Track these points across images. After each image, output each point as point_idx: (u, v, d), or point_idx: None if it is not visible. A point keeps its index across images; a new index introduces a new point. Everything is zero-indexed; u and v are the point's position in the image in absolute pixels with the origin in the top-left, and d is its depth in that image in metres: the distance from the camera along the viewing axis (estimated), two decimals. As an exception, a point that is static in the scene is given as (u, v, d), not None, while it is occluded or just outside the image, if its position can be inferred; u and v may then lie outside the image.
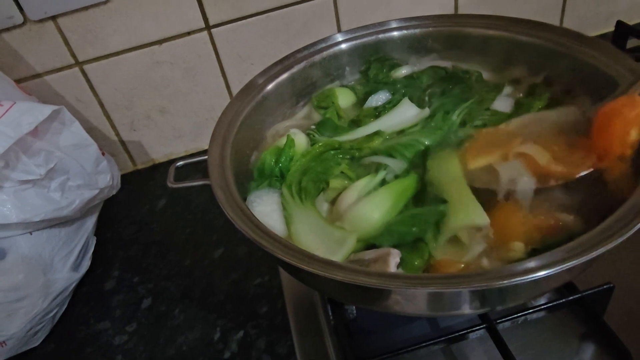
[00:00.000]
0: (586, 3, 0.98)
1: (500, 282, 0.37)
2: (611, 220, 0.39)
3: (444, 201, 0.48)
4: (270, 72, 0.65)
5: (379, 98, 0.67)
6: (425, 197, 0.51)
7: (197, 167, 0.61)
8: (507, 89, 0.63)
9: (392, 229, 0.48)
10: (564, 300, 0.52)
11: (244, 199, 0.54)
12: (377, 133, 0.60)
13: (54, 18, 0.77)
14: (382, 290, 0.42)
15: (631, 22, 0.93)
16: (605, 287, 0.51)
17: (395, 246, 0.46)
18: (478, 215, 0.45)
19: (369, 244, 0.49)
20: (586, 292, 0.52)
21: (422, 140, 0.56)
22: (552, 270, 0.36)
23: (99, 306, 0.71)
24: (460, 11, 0.94)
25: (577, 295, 0.52)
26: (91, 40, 0.81)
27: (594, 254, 0.37)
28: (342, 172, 0.56)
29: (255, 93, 0.62)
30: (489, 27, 0.64)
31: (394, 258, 0.44)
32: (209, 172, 0.51)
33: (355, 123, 0.63)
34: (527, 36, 0.62)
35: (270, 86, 0.63)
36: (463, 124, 0.58)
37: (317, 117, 0.66)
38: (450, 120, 0.57)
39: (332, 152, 0.57)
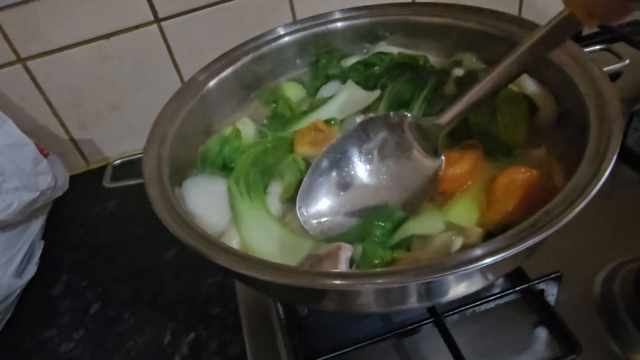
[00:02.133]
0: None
1: (432, 276, 0.35)
2: (551, 205, 0.38)
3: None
4: (213, 68, 0.62)
5: (330, 88, 0.65)
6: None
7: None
8: (456, 71, 0.62)
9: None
10: (512, 290, 0.52)
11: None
12: (330, 121, 0.58)
13: (-9, 12, 0.73)
14: (321, 291, 0.41)
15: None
16: (553, 275, 0.51)
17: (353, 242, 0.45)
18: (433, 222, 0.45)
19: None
20: (535, 281, 0.51)
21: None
22: (475, 265, 0.35)
23: (45, 313, 0.68)
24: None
25: (525, 285, 0.52)
26: (33, 35, 0.77)
27: (522, 245, 0.36)
28: (294, 161, 0.54)
29: (197, 89, 0.60)
30: (435, 15, 0.63)
31: (345, 252, 0.42)
32: (142, 171, 0.49)
33: (305, 114, 0.62)
34: (471, 22, 0.61)
35: (212, 82, 0.61)
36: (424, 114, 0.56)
37: (266, 112, 0.64)
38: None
39: (283, 145, 0.56)
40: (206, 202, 0.51)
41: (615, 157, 0.40)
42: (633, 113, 0.66)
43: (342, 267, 0.44)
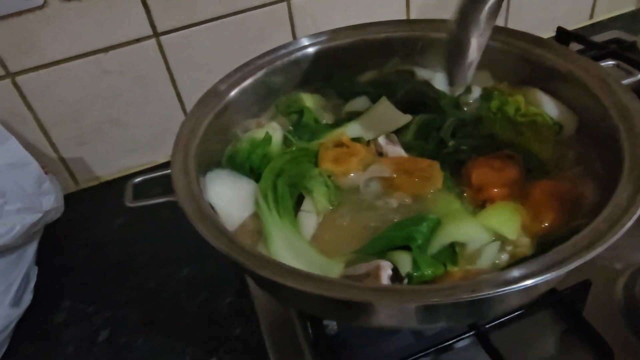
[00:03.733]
0: (528, 8, 1.03)
1: (483, 294, 0.35)
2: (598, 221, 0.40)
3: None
4: (232, 79, 0.61)
5: (358, 103, 0.64)
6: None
7: (157, 182, 0.56)
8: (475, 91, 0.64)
9: (380, 236, 0.46)
10: (543, 302, 0.53)
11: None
12: (358, 140, 0.58)
13: (-21, 25, 0.69)
14: (371, 305, 0.40)
15: (570, 28, 0.98)
16: (582, 283, 0.52)
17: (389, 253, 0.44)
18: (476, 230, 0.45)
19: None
20: (564, 290, 0.52)
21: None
22: (536, 279, 0.36)
23: (46, 343, 0.63)
24: (412, 17, 0.95)
25: (556, 296, 0.52)
26: (26, 49, 0.73)
27: (581, 260, 0.37)
28: (320, 174, 0.53)
29: (217, 100, 0.58)
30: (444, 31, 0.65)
31: (385, 271, 0.42)
32: (174, 188, 0.47)
33: (333, 126, 0.61)
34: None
35: (233, 92, 0.60)
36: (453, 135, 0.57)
37: (286, 122, 0.63)
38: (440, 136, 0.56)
39: (308, 157, 0.55)
40: (228, 194, 0.51)
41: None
42: None
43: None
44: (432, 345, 0.50)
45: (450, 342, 0.50)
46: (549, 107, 0.56)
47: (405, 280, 0.42)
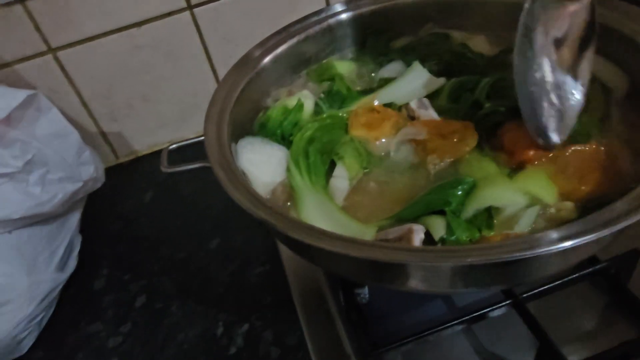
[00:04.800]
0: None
1: (519, 254, 0.34)
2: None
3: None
4: (267, 45, 0.61)
5: (392, 68, 0.62)
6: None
7: (188, 152, 0.57)
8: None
9: (418, 201, 0.44)
10: (583, 272, 0.50)
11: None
12: (390, 105, 0.57)
13: (22, 1, 0.71)
14: (406, 266, 0.39)
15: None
16: (629, 253, 0.49)
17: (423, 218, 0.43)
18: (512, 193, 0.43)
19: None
20: (608, 261, 0.50)
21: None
22: (577, 241, 0.34)
23: (88, 308, 0.66)
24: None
25: (598, 266, 0.50)
26: (64, 24, 0.75)
27: (625, 223, 0.35)
28: (351, 140, 0.52)
29: (251, 67, 0.58)
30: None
31: (418, 234, 0.41)
32: (207, 152, 0.47)
33: (365, 93, 0.60)
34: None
35: (267, 59, 0.60)
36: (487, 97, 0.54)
37: (318, 89, 0.62)
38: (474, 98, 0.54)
39: (339, 124, 0.54)
40: (259, 160, 0.51)
41: None
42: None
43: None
44: (465, 314, 0.49)
45: (484, 310, 0.48)
46: (596, 66, 0.52)
47: (439, 245, 0.41)
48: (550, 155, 0.44)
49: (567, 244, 0.34)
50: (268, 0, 0.82)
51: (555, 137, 0.44)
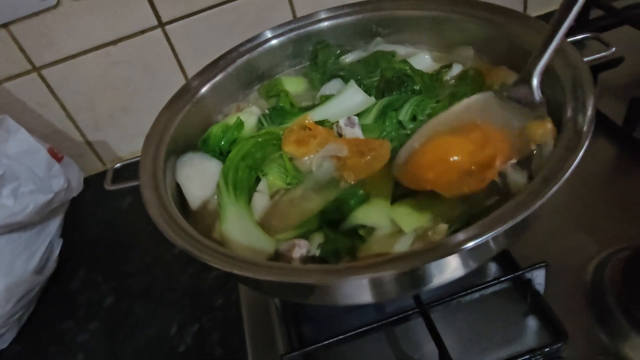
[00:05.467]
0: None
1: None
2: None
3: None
4: (205, 73, 0.65)
5: (333, 86, 0.65)
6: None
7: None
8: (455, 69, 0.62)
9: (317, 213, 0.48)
10: (498, 280, 0.52)
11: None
12: (323, 122, 0.60)
13: (5, 26, 0.78)
14: (304, 285, 0.43)
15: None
16: (538, 265, 0.51)
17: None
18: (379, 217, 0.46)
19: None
20: (522, 271, 0.52)
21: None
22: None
23: (64, 306, 0.73)
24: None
25: (511, 275, 0.52)
26: (46, 44, 0.81)
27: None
28: (280, 157, 0.56)
29: (190, 96, 0.63)
30: (422, 9, 0.64)
31: (300, 249, 0.44)
32: (139, 173, 0.52)
33: (306, 110, 0.63)
34: (459, 14, 0.61)
35: (205, 88, 0.64)
36: (413, 118, 0.57)
37: (267, 105, 0.66)
38: (398, 119, 0.57)
39: (274, 140, 0.58)
40: (195, 175, 0.56)
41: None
42: (633, 99, 0.65)
43: (296, 263, 0.45)
44: (383, 319, 0.52)
45: (398, 316, 0.51)
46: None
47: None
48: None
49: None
50: (237, 14, 0.86)
51: None
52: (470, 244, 0.37)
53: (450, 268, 0.41)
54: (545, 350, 0.48)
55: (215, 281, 0.69)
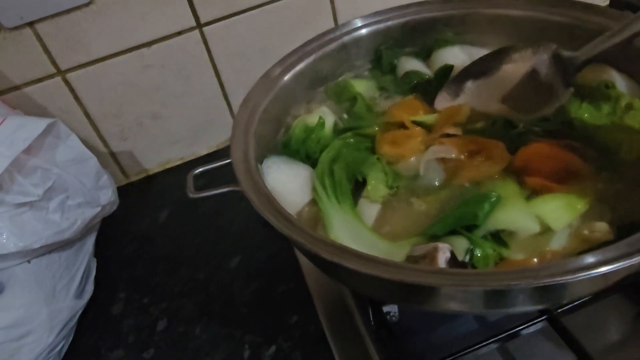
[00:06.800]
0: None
1: (556, 279, 0.34)
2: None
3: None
4: (287, 62, 0.61)
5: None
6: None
7: (212, 174, 0.56)
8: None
9: (446, 216, 0.44)
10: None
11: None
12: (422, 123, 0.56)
13: (31, 24, 0.70)
14: (436, 289, 0.39)
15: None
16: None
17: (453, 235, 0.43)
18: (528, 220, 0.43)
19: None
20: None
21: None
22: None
23: (108, 334, 0.65)
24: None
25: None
26: (73, 46, 0.74)
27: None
28: (377, 160, 0.52)
29: (271, 85, 0.58)
30: (496, 7, 0.62)
31: (444, 253, 0.41)
32: (236, 177, 0.47)
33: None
34: (538, 12, 0.60)
35: (287, 77, 0.60)
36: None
37: (336, 107, 0.62)
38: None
39: (363, 141, 0.54)
40: (285, 180, 0.52)
41: None
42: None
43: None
44: (499, 332, 0.49)
45: (519, 328, 0.48)
46: (624, 88, 0.52)
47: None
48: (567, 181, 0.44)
49: (601, 269, 0.34)
50: (277, 16, 0.82)
51: None
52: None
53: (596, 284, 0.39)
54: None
55: (285, 296, 0.64)
